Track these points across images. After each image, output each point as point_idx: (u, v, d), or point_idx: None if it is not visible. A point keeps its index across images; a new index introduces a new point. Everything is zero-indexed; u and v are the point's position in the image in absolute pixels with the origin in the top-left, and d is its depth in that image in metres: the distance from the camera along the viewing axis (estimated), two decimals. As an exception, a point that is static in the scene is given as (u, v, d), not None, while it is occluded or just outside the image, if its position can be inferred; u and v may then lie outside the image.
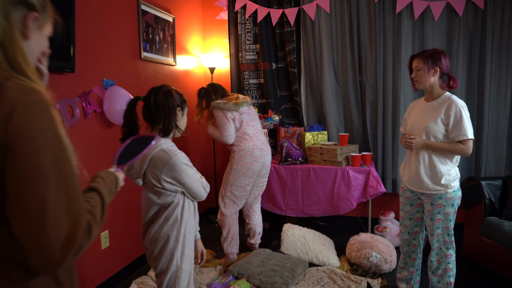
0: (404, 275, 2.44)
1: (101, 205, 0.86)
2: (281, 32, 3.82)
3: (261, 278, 2.55)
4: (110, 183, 0.99)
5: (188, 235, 1.60)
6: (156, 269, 1.59)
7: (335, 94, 3.74)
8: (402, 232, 2.39)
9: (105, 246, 2.61)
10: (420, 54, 2.15)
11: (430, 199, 2.14)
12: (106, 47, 2.60)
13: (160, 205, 1.56)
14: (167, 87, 1.60)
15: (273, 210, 3.52)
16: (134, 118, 1.58)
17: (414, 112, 2.26)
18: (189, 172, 1.54)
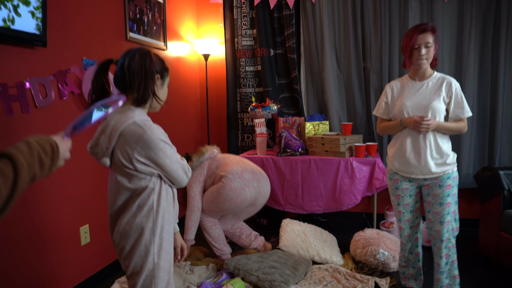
0: (411, 273, 2.24)
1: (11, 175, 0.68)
2: (279, 15, 3.59)
3: (258, 275, 2.31)
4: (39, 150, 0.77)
5: (167, 227, 1.34)
6: (128, 268, 1.33)
7: (337, 82, 3.50)
8: (404, 228, 2.15)
9: (85, 242, 2.37)
10: (428, 27, 1.92)
11: (438, 181, 1.99)
12: (85, 22, 2.36)
13: (132, 191, 1.30)
14: (145, 49, 1.35)
15: (271, 204, 3.28)
16: (104, 83, 1.34)
17: (404, 92, 2.06)
18: (167, 152, 1.29)
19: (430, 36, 1.91)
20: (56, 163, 0.84)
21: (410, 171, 2.03)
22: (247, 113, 3.78)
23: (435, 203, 1.99)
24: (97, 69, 1.34)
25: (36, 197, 2.02)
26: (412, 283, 2.24)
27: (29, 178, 0.74)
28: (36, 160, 0.76)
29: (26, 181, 0.73)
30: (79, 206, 2.32)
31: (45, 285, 2.09)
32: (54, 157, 0.82)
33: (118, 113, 1.29)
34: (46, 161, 0.79)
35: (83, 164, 2.35)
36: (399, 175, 2.09)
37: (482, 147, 3.15)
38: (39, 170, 0.77)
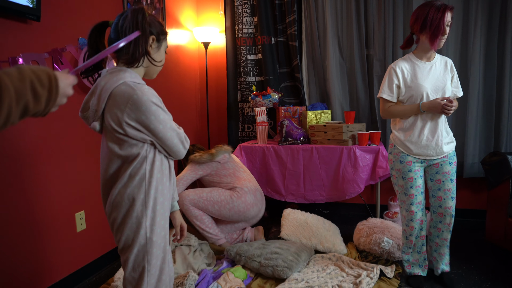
0: (416, 258, 2.19)
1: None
2: (280, 2, 3.52)
3: (260, 260, 2.24)
4: (33, 78, 0.67)
5: (161, 200, 1.26)
6: (120, 242, 1.25)
7: (340, 70, 3.43)
8: (416, 212, 2.08)
9: (81, 228, 2.29)
10: (450, 6, 1.89)
11: (448, 159, 2.05)
12: (83, 3, 2.29)
13: (123, 158, 1.22)
14: (139, 6, 1.28)
15: (271, 195, 3.20)
16: (99, 46, 1.27)
17: (418, 73, 2.01)
18: (160, 116, 1.20)
19: (451, 15, 1.91)
20: (54, 98, 0.74)
21: (427, 153, 2.02)
22: (248, 102, 3.70)
23: (446, 180, 2.04)
24: (92, 30, 1.27)
25: (30, 182, 1.94)
26: (417, 270, 2.18)
27: (19, 107, 0.65)
28: (28, 88, 0.66)
29: (14, 108, 0.63)
30: (74, 192, 2.24)
31: (40, 273, 2.01)
32: (52, 90, 0.72)
33: (110, 74, 1.21)
34: (41, 92, 0.69)
35: (79, 148, 2.27)
36: (411, 157, 2.04)
37: (488, 135, 3.08)
38: (33, 101, 0.67)
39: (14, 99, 0.63)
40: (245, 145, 3.23)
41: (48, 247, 2.06)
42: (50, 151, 2.07)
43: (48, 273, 2.06)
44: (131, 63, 1.23)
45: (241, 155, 3.21)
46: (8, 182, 1.83)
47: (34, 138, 1.97)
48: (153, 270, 1.24)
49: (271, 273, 2.18)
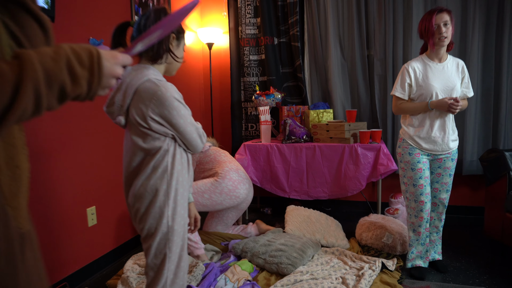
0: (419, 250, 2.28)
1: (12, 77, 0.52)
2: (283, 4, 3.60)
3: (265, 257, 2.31)
4: (70, 56, 0.59)
5: (181, 191, 1.33)
6: (143, 231, 1.32)
7: (341, 70, 3.51)
8: (425, 202, 2.18)
9: (92, 223, 2.36)
10: (443, 8, 2.07)
11: (451, 156, 2.20)
12: (94, 4, 2.36)
13: (146, 151, 1.29)
14: (160, 6, 1.36)
15: (276, 192, 3.28)
16: (122, 45, 1.34)
17: (429, 74, 2.14)
18: (181, 111, 1.28)
19: (447, 15, 2.04)
20: (98, 79, 0.64)
21: (434, 149, 2.16)
22: (251, 102, 3.78)
23: (445, 175, 2.21)
24: (115, 31, 1.34)
25: (44, 178, 2.01)
26: (419, 262, 2.27)
27: (53, 90, 0.57)
28: (64, 68, 0.58)
29: (43, 91, 0.55)
30: (86, 188, 2.31)
31: (54, 267, 2.08)
32: (94, 70, 0.62)
33: (135, 71, 1.29)
34: (80, 73, 0.60)
35: (91, 145, 2.34)
36: (419, 150, 2.19)
37: (486, 132, 3.16)
38: (71, 83, 0.59)
39: (43, 81, 0.55)
40: (249, 144, 3.30)
41: (61, 241, 2.13)
42: (63, 147, 2.14)
43: (61, 266, 2.13)
44: (155, 60, 1.31)
45: (245, 154, 3.28)
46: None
47: (49, 134, 2.04)
48: (173, 257, 1.32)
49: (276, 270, 2.25)
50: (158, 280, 1.31)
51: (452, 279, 2.20)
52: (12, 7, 0.60)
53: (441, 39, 2.05)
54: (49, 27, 0.67)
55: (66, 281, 2.14)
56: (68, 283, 2.15)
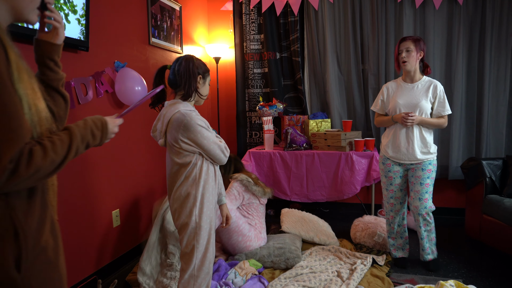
0: (400, 243, 2.65)
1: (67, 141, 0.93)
2: (285, 22, 3.90)
3: (272, 259, 2.61)
4: (92, 125, 1.04)
5: (207, 195, 1.66)
6: (178, 226, 1.68)
7: (338, 83, 3.82)
8: (395, 204, 2.59)
9: (116, 224, 2.68)
10: (410, 37, 2.42)
11: (421, 166, 2.45)
12: (117, 30, 2.67)
13: (180, 165, 1.64)
14: (189, 55, 1.68)
15: (278, 195, 3.59)
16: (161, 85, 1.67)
17: (398, 93, 2.51)
18: (204, 134, 1.61)
19: (411, 43, 2.40)
20: (106, 135, 1.08)
21: (400, 157, 2.49)
22: (255, 112, 4.09)
23: (417, 183, 2.46)
24: (157, 73, 1.68)
25: (80, 186, 2.32)
26: (400, 253, 2.64)
27: (84, 145, 0.98)
28: (89, 132, 1.01)
29: (80, 146, 0.97)
30: (112, 192, 2.63)
31: (86, 262, 2.38)
32: (104, 130, 1.07)
33: (170, 105, 1.63)
34: (97, 133, 1.04)
35: (112, 159, 2.65)
36: (390, 160, 2.52)
37: (470, 141, 3.46)
38: (92, 139, 1.02)
39: (80, 141, 0.96)
40: (254, 151, 3.61)
41: (91, 240, 2.44)
42: (100, 156, 2.45)
43: (92, 262, 2.44)
44: (186, 99, 1.64)
45: (250, 160, 3.59)
46: (67, 181, 2.22)
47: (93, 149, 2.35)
48: (201, 248, 1.65)
49: (285, 266, 2.56)
50: (188, 266, 1.66)
51: (434, 272, 2.51)
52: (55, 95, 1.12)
53: (403, 62, 2.43)
54: (67, 100, 1.16)
55: (95, 275, 2.45)
56: (98, 277, 2.46)
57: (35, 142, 0.86)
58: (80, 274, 2.35)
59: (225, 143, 1.74)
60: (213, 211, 1.71)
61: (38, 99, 0.91)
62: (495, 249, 2.74)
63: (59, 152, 0.89)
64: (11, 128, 0.81)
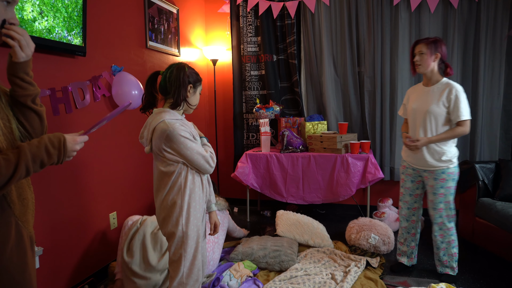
0: (405, 250, 2.59)
1: (14, 160, 0.92)
2: (281, 24, 3.93)
3: (267, 260, 2.64)
4: (47, 143, 1.02)
5: (193, 204, 1.67)
6: (165, 234, 1.69)
7: (335, 85, 3.85)
8: (402, 208, 2.54)
9: (114, 226, 2.70)
10: (423, 39, 2.34)
11: (434, 175, 2.33)
12: (114, 34, 2.70)
13: (165, 173, 1.64)
14: (182, 63, 1.69)
15: (274, 196, 3.62)
16: (152, 91, 1.68)
17: (414, 97, 2.45)
18: (188, 145, 1.61)
19: (423, 46, 2.31)
20: (64, 154, 1.05)
21: (412, 162, 2.43)
22: (252, 113, 4.12)
23: (430, 192, 2.37)
24: (148, 79, 1.68)
25: (75, 187, 2.35)
26: (403, 259, 2.61)
27: (37, 164, 0.97)
28: (43, 151, 0.99)
29: (31, 166, 0.95)
30: (109, 196, 2.65)
31: (83, 265, 2.41)
32: (61, 149, 1.04)
33: (156, 114, 1.65)
34: (53, 152, 1.02)
35: (113, 160, 2.68)
36: (406, 162, 2.51)
37: (465, 145, 3.49)
38: (47, 158, 1.00)
39: (30, 160, 0.95)
40: (251, 153, 3.64)
41: (90, 241, 2.47)
42: (92, 160, 2.48)
43: (89, 264, 2.47)
44: (174, 107, 1.65)
45: (247, 162, 3.62)
46: (61, 187, 2.24)
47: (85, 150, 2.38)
48: (188, 256, 1.67)
49: (279, 268, 2.60)
50: (176, 274, 1.67)
51: (427, 274, 2.55)
52: (25, 111, 1.11)
53: (416, 65, 2.35)
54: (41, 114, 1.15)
55: (93, 277, 2.48)
56: (95, 279, 2.49)
57: None
58: (78, 277, 2.38)
59: (212, 152, 1.74)
60: (201, 219, 1.73)
61: None
62: (488, 251, 2.78)
63: (2, 173, 0.88)
64: None
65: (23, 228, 1.04)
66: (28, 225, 1.07)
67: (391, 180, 3.76)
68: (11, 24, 1.01)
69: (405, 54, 3.57)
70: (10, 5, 1.00)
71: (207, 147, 1.76)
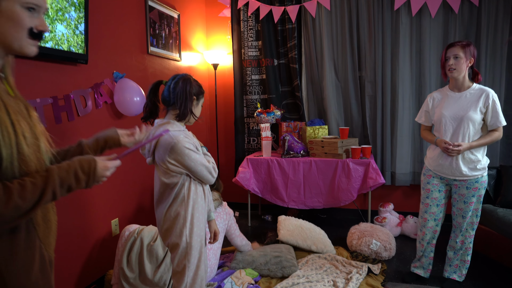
0: (423, 261, 2.52)
1: (41, 185, 0.88)
2: (282, 29, 3.93)
3: (269, 267, 2.64)
4: (77, 168, 0.98)
5: (197, 215, 1.68)
6: (168, 245, 1.69)
7: (335, 90, 3.85)
8: (428, 220, 2.43)
9: (115, 233, 2.70)
10: (458, 42, 2.23)
11: (466, 184, 2.27)
12: (116, 41, 2.70)
13: (168, 185, 1.65)
14: (187, 75, 1.70)
15: (275, 201, 3.62)
16: (155, 100, 1.69)
17: (444, 103, 2.32)
18: (192, 156, 1.62)
19: (459, 49, 2.21)
20: (93, 179, 1.01)
21: (443, 171, 2.32)
22: (253, 118, 4.12)
23: (460, 201, 2.31)
24: (151, 88, 1.69)
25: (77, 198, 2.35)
26: (420, 270, 2.54)
27: (64, 189, 0.93)
28: (72, 176, 0.94)
29: (58, 191, 0.91)
30: (111, 203, 2.65)
31: (86, 271, 2.42)
32: (91, 174, 1.00)
33: (159, 126, 1.65)
34: (82, 177, 0.97)
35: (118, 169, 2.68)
36: (432, 171, 2.39)
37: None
38: (75, 183, 0.95)
39: (58, 185, 0.90)
40: (252, 158, 3.64)
41: (90, 249, 2.47)
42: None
43: (92, 270, 2.47)
44: (181, 119, 1.66)
45: (248, 167, 3.62)
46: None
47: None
48: (192, 266, 1.67)
49: (281, 275, 2.59)
50: (180, 284, 1.67)
51: (428, 281, 2.55)
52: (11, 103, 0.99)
53: (450, 70, 2.23)
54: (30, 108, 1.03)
55: (95, 284, 2.48)
56: (97, 286, 2.49)
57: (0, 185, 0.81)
58: (80, 284, 2.38)
59: (213, 162, 1.75)
60: (203, 230, 1.73)
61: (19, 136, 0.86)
62: (489, 258, 2.78)
63: (27, 198, 0.83)
64: None
65: (45, 251, 0.99)
66: (50, 248, 1.03)
67: (392, 185, 3.76)
68: (40, 31, 0.95)
69: (406, 59, 3.57)
70: (36, 11, 0.93)
71: (208, 157, 1.77)
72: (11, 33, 0.89)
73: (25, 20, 0.91)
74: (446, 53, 2.26)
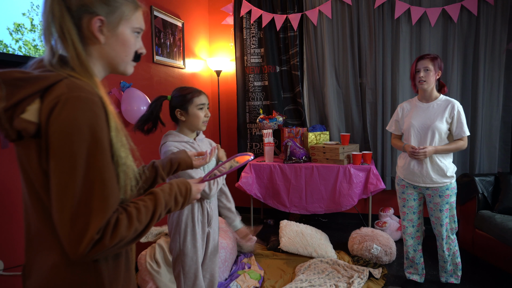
0: (416, 267, 2.58)
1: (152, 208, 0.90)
2: (284, 36, 4.00)
3: None
4: (177, 191, 1.01)
5: (191, 225, 1.74)
6: (169, 247, 1.83)
7: (337, 96, 3.92)
8: (407, 226, 2.52)
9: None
10: (428, 56, 2.32)
11: (438, 192, 2.34)
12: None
13: None
14: (161, 97, 1.76)
15: (277, 207, 3.68)
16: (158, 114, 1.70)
17: (412, 112, 2.42)
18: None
19: (429, 62, 2.29)
20: (188, 201, 1.06)
21: (414, 179, 2.40)
22: (255, 124, 4.19)
23: (436, 210, 2.37)
24: (155, 102, 1.71)
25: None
26: (415, 277, 2.60)
27: (165, 211, 0.97)
28: (172, 199, 0.99)
29: (163, 212, 0.94)
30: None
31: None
32: (187, 197, 1.05)
33: (164, 136, 1.76)
34: (180, 200, 1.02)
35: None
36: (405, 181, 2.46)
37: (464, 156, 3.56)
38: (174, 205, 1.00)
39: (163, 208, 0.94)
40: (254, 163, 3.71)
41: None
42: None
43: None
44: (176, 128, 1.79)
45: (250, 172, 3.69)
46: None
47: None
48: (189, 275, 1.74)
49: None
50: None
51: (428, 285, 2.61)
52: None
53: (420, 82, 2.31)
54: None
55: None
56: None
57: (122, 210, 0.83)
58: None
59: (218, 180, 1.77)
60: (200, 240, 1.77)
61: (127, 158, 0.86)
62: (488, 263, 2.84)
63: (142, 221, 0.85)
64: (104, 196, 0.77)
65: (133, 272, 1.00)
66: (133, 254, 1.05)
67: (392, 190, 3.82)
68: (140, 54, 0.97)
69: (406, 67, 3.64)
70: (139, 35, 0.96)
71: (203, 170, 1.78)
72: (121, 56, 0.92)
73: (134, 44, 0.94)
74: (417, 66, 2.33)
